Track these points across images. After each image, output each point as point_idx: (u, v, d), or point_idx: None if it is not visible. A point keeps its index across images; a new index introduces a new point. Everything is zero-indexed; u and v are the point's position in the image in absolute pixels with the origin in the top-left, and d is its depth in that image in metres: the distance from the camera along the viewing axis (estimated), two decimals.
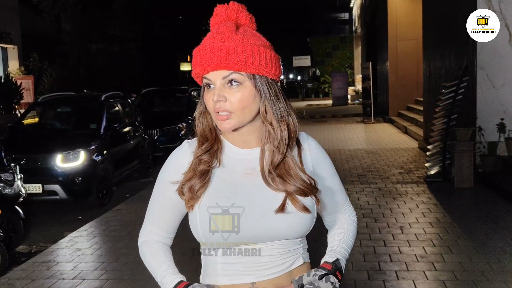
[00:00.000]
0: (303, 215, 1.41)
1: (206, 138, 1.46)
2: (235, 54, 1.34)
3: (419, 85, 14.63)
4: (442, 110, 7.79)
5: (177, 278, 1.46)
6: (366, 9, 23.95)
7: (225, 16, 1.41)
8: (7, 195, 5.44)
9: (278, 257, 1.43)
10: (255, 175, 1.43)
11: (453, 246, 4.88)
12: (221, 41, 1.35)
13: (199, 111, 1.47)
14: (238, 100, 1.36)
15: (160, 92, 14.75)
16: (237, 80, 1.36)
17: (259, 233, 1.40)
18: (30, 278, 4.53)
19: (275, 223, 1.40)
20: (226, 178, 1.44)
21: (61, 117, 9.14)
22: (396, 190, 7.22)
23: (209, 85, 1.38)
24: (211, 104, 1.37)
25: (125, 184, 8.83)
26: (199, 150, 1.44)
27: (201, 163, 1.42)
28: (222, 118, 1.37)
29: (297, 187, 1.41)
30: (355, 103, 26.45)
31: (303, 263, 1.49)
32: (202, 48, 1.38)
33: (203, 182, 1.41)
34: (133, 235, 5.60)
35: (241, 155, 1.46)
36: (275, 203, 1.40)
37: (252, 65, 1.35)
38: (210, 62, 1.34)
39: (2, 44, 20.79)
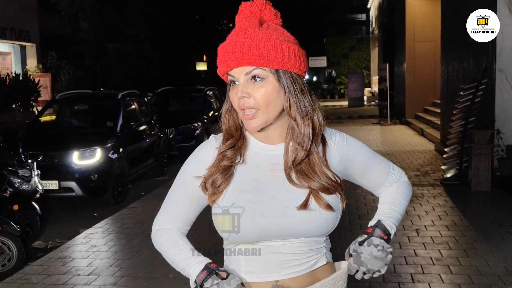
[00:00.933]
0: (326, 213, 1.39)
1: (231, 134, 1.45)
2: (257, 49, 1.33)
3: (436, 87, 14.50)
4: (459, 113, 7.71)
5: (205, 260, 1.44)
6: (384, 10, 23.81)
7: (249, 13, 1.41)
8: (24, 191, 5.50)
9: (301, 256, 1.42)
10: (279, 170, 1.42)
11: (469, 249, 4.82)
12: (244, 37, 1.35)
13: (225, 108, 1.46)
14: (262, 96, 1.34)
15: (176, 91, 14.81)
16: (260, 75, 1.34)
17: (280, 229, 1.38)
18: (46, 274, 4.56)
19: (297, 219, 1.38)
20: (249, 173, 1.43)
21: (78, 115, 9.22)
22: (412, 192, 7.15)
23: (233, 82, 1.38)
24: (236, 101, 1.37)
25: (140, 182, 8.88)
26: (223, 146, 1.43)
27: (224, 159, 1.42)
28: (248, 118, 1.36)
29: (321, 183, 1.39)
30: (371, 105, 26.31)
31: (326, 262, 1.47)
32: (225, 45, 1.37)
33: (225, 177, 1.41)
34: (147, 233, 5.61)
35: (265, 151, 1.45)
36: (298, 200, 1.39)
37: (275, 60, 1.34)
38: (232, 58, 1.34)
39: (21, 42, 21.04)
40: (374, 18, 30.80)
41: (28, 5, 21.04)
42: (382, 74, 18.70)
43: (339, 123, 18.46)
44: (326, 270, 1.47)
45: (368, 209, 6.33)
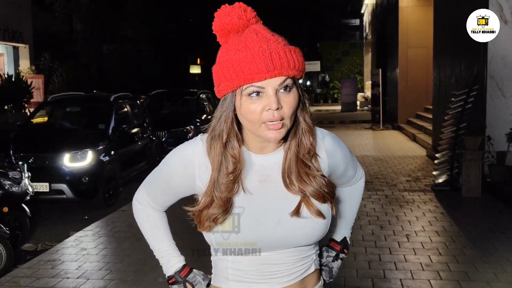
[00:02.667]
0: (317, 221, 1.39)
1: (235, 159, 1.36)
2: (286, 59, 1.28)
3: (428, 93, 14.57)
4: (451, 119, 7.75)
5: (180, 261, 1.59)
6: (377, 16, 23.91)
7: (245, 20, 1.33)
8: (15, 193, 5.46)
9: (291, 265, 1.42)
10: (269, 181, 1.40)
11: (459, 255, 4.84)
12: (275, 46, 1.28)
13: (226, 128, 1.35)
14: (291, 106, 1.30)
15: (169, 94, 14.79)
16: (289, 85, 1.30)
17: (273, 240, 1.37)
18: (35, 277, 4.54)
19: (290, 229, 1.38)
20: (241, 191, 1.39)
21: (69, 117, 9.19)
22: (403, 198, 7.19)
23: (257, 93, 1.28)
24: (258, 115, 1.28)
25: (132, 185, 8.84)
26: (224, 174, 1.36)
27: (224, 191, 1.35)
28: (276, 128, 1.28)
29: (316, 189, 1.38)
30: (364, 110, 26.38)
31: (315, 270, 1.49)
32: (250, 54, 1.27)
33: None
34: (138, 237, 5.60)
35: (256, 161, 1.40)
36: (290, 208, 1.38)
37: (299, 69, 1.32)
38: (270, 68, 1.25)
39: (14, 43, 20.93)
40: (368, 23, 30.91)
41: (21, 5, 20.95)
42: (375, 79, 18.76)
43: (332, 128, 18.49)
44: (314, 277, 1.49)
45: (359, 213, 6.33)
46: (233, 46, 1.31)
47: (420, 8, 15.98)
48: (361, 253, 4.91)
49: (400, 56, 16.51)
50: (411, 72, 16.31)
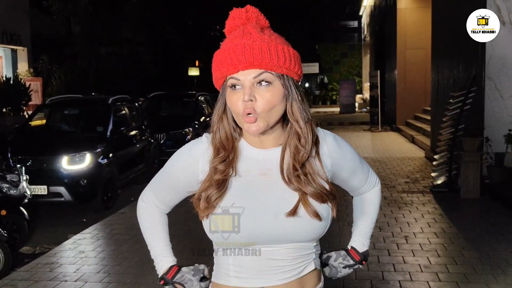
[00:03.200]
0: (313, 222, 1.39)
1: (224, 147, 1.42)
2: (268, 53, 1.31)
3: (427, 95, 14.59)
4: (449, 120, 7.76)
5: (168, 262, 1.62)
6: (375, 17, 23.95)
7: (245, 19, 1.39)
8: (12, 196, 5.45)
9: (290, 261, 1.42)
10: (269, 175, 1.41)
11: (458, 257, 4.84)
12: (251, 40, 1.32)
13: (217, 117, 1.43)
14: (267, 101, 1.32)
15: (167, 96, 14.78)
16: (267, 79, 1.32)
17: (270, 235, 1.38)
18: (33, 280, 4.53)
19: (286, 225, 1.38)
20: (240, 180, 1.43)
21: (68, 120, 9.18)
22: (402, 199, 7.19)
23: (235, 86, 1.34)
24: (239, 106, 1.33)
25: (130, 187, 8.84)
26: (216, 159, 1.42)
27: (217, 173, 1.40)
28: (251, 121, 1.32)
29: (316, 189, 1.39)
30: (363, 111, 26.42)
31: (314, 269, 1.47)
32: (229, 47, 1.34)
33: (220, 193, 1.40)
34: (136, 239, 5.59)
35: (258, 155, 1.44)
36: (288, 206, 1.39)
37: (284, 65, 1.33)
38: (242, 60, 1.30)
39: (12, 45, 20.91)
40: (366, 25, 30.96)
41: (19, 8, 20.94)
42: (374, 81, 18.78)
43: (331, 129, 18.40)
44: (314, 276, 1.48)
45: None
46: (224, 42, 1.39)
47: (418, 10, 16.00)
48: None
49: (399, 57, 16.53)
50: (409, 74, 16.32)
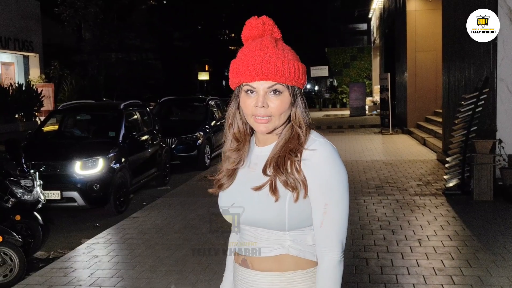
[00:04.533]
0: (269, 198, 1.56)
1: (237, 139, 1.68)
2: (282, 68, 1.55)
3: (437, 97, 14.52)
4: (461, 122, 7.72)
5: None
6: (385, 20, 23.89)
7: (262, 31, 1.62)
8: (27, 201, 5.50)
9: (263, 242, 1.63)
10: (253, 169, 1.66)
11: (472, 259, 4.81)
12: (268, 55, 1.55)
13: (231, 113, 1.68)
14: (278, 106, 1.57)
15: (178, 101, 14.83)
16: (279, 90, 1.57)
17: (243, 217, 1.64)
18: (48, 284, 4.56)
19: (251, 210, 1.61)
20: (243, 173, 1.69)
21: (80, 125, 9.24)
22: (414, 202, 7.15)
23: (251, 91, 1.58)
24: (250, 109, 1.58)
25: (142, 192, 8.88)
26: (229, 147, 1.69)
27: (228, 161, 1.68)
28: (262, 121, 1.57)
29: (286, 179, 1.55)
30: (373, 114, 26.33)
31: (286, 254, 1.61)
32: (248, 58, 1.57)
33: (229, 180, 1.68)
34: (149, 243, 5.62)
35: (256, 152, 1.68)
36: (255, 184, 1.61)
37: (293, 78, 1.57)
38: (259, 72, 1.54)
39: (24, 52, 21.12)
40: (376, 27, 30.88)
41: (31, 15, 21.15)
42: (384, 84, 18.72)
43: (341, 133, 18.46)
44: (288, 260, 1.61)
45: (370, 219, 6.32)
46: (243, 50, 1.62)
47: (428, 12, 15.94)
48: (373, 258, 4.89)
49: (409, 60, 16.47)
50: (420, 76, 16.26)
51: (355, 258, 4.88)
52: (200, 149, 11.06)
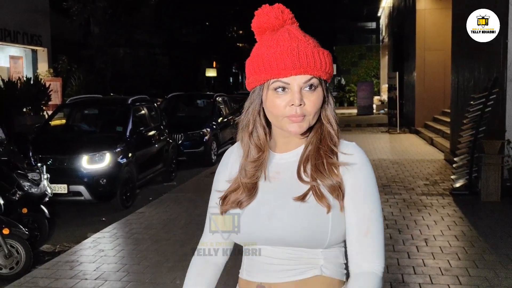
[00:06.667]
0: (321, 209, 1.34)
1: (259, 148, 1.44)
2: (317, 59, 1.35)
3: (446, 96, 14.44)
4: (470, 122, 7.67)
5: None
6: (394, 18, 23.79)
7: (282, 20, 1.41)
8: (33, 194, 5.52)
9: (287, 262, 1.38)
10: (277, 179, 1.42)
11: (478, 260, 4.78)
12: (303, 46, 1.35)
13: (252, 119, 1.43)
14: (314, 104, 1.35)
15: (186, 97, 14.85)
16: (314, 84, 1.36)
17: (263, 235, 1.39)
18: (54, 277, 4.57)
19: (278, 226, 1.36)
20: (269, 186, 1.44)
21: (87, 119, 9.26)
22: (421, 201, 7.12)
23: (282, 88, 1.35)
24: (281, 109, 1.34)
25: (149, 187, 8.89)
26: (247, 160, 1.44)
27: (246, 176, 1.43)
28: (298, 120, 1.34)
29: (333, 182, 1.36)
30: (380, 113, 26.25)
31: (320, 275, 1.38)
32: (278, 51, 1.35)
33: (250, 196, 1.42)
34: (155, 238, 5.62)
35: (274, 159, 1.46)
36: (289, 197, 1.37)
37: (325, 70, 1.37)
38: (297, 65, 1.33)
39: (32, 46, 21.18)
40: (384, 26, 30.78)
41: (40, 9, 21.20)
42: (392, 83, 18.65)
43: (348, 131, 18.42)
44: (320, 283, 1.39)
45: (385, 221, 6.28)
46: (266, 43, 1.39)
47: (438, 11, 15.86)
48: None
49: (418, 59, 16.39)
50: (428, 75, 16.18)
51: None
52: (207, 145, 11.07)
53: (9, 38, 19.68)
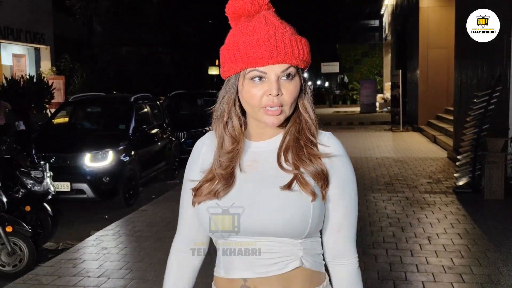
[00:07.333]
0: (307, 198, 1.32)
1: (235, 138, 1.39)
2: (295, 47, 1.31)
3: (449, 94, 14.41)
4: (473, 120, 7.65)
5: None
6: (397, 16, 23.74)
7: (258, 6, 1.35)
8: (36, 192, 5.53)
9: (270, 255, 1.35)
10: (254, 167, 1.38)
11: (482, 258, 4.77)
12: (280, 34, 1.31)
13: (227, 109, 1.39)
14: (291, 94, 1.31)
15: (188, 95, 14.85)
16: (292, 73, 1.31)
17: (254, 227, 1.34)
18: (57, 275, 4.58)
19: (261, 217, 1.33)
20: (244, 176, 1.39)
21: (90, 117, 9.27)
22: (424, 199, 7.11)
23: (259, 78, 1.30)
24: (258, 99, 1.30)
25: (152, 185, 8.90)
26: (222, 151, 1.39)
27: (221, 167, 1.37)
28: (275, 113, 1.31)
29: (316, 169, 1.34)
30: (384, 111, 26.22)
31: (298, 267, 1.36)
32: (255, 39, 1.30)
33: (226, 186, 1.36)
34: (158, 236, 5.63)
35: (250, 148, 1.41)
36: (270, 188, 1.34)
37: (302, 59, 1.33)
38: (274, 54, 1.28)
39: (35, 44, 21.22)
40: (388, 24, 30.70)
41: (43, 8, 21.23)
42: (395, 81, 18.62)
43: (351, 129, 18.40)
44: (299, 275, 1.37)
45: (379, 215, 6.29)
46: (242, 30, 1.34)
47: (441, 9, 15.82)
48: (382, 255, 4.86)
49: (421, 57, 16.36)
50: (431, 73, 16.15)
51: (364, 255, 4.86)
52: None
53: (12, 36, 19.72)
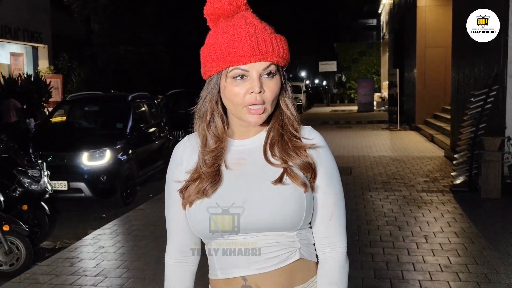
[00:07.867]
0: (300, 190, 1.35)
1: (218, 137, 1.40)
2: (275, 45, 1.33)
3: (446, 93, 14.43)
4: (470, 119, 7.67)
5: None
6: (395, 15, 23.77)
7: (236, 6, 1.37)
8: (34, 191, 5.53)
9: (270, 249, 1.36)
10: (242, 165, 1.40)
11: (478, 257, 4.79)
12: (261, 32, 1.33)
13: (210, 108, 1.40)
14: (273, 91, 1.34)
15: (186, 94, 14.84)
16: (273, 71, 1.34)
17: (253, 223, 1.35)
18: (54, 274, 4.58)
19: (254, 211, 1.34)
20: (230, 173, 1.40)
21: (88, 116, 9.27)
22: (421, 198, 7.13)
23: (241, 76, 1.32)
24: (241, 97, 1.32)
25: (149, 184, 8.90)
26: (206, 150, 1.40)
27: (206, 165, 1.38)
28: (258, 112, 1.32)
29: (303, 161, 1.37)
30: (381, 110, 26.26)
31: (299, 258, 1.39)
32: (236, 38, 1.31)
33: (214, 183, 1.37)
34: (155, 235, 5.63)
35: (234, 147, 1.43)
36: (261, 183, 1.36)
37: (282, 56, 1.35)
38: (256, 52, 1.30)
39: (33, 43, 21.18)
40: (385, 23, 30.73)
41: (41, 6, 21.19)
42: (392, 79, 18.64)
43: (348, 128, 18.42)
44: (299, 266, 1.40)
45: (377, 214, 6.30)
46: (222, 30, 1.35)
47: (439, 8, 15.84)
48: (379, 254, 4.88)
49: (418, 56, 16.38)
50: (429, 72, 16.17)
51: (361, 254, 4.87)
52: None
53: (10, 35, 19.68)
